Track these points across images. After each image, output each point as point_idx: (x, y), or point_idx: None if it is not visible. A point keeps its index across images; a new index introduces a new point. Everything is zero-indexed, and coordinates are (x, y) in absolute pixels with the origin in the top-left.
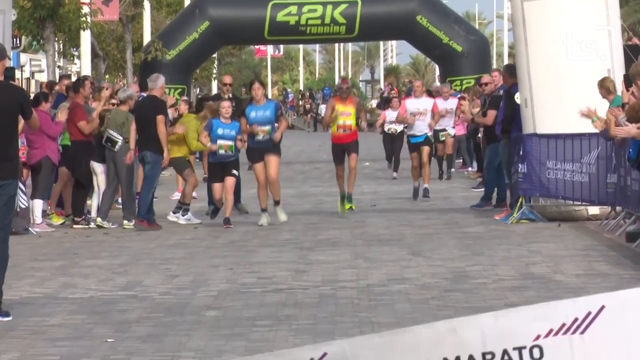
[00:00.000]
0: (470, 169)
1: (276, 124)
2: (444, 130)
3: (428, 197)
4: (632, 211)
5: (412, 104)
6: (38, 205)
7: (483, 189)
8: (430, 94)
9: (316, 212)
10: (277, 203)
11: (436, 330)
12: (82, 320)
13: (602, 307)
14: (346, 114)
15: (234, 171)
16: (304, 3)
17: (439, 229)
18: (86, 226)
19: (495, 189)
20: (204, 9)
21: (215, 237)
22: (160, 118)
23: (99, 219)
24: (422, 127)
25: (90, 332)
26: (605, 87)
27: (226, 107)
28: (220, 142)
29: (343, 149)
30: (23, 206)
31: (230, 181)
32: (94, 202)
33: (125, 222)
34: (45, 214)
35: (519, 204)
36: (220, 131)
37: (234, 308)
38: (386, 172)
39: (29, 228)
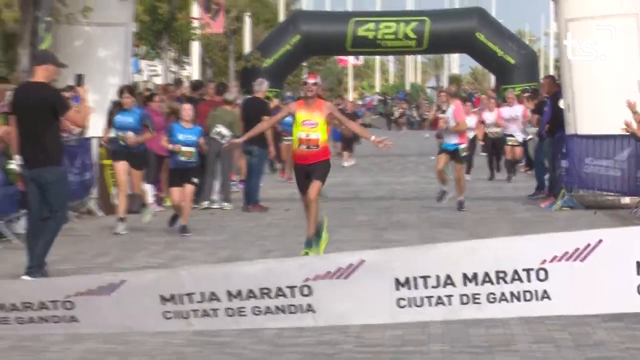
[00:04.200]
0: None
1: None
2: (512, 136)
3: (463, 209)
4: None
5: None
6: (147, 189)
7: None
8: (468, 98)
9: (389, 197)
10: (143, 205)
11: (456, 248)
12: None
13: (600, 241)
14: (310, 124)
15: (194, 179)
16: (380, 20)
17: (493, 215)
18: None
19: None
20: (296, 25)
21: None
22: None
23: (205, 202)
24: (451, 136)
25: None
26: None
27: (187, 110)
28: (181, 148)
29: (305, 172)
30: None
31: (189, 189)
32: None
33: (224, 204)
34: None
35: (561, 194)
36: (180, 136)
37: None
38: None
39: None
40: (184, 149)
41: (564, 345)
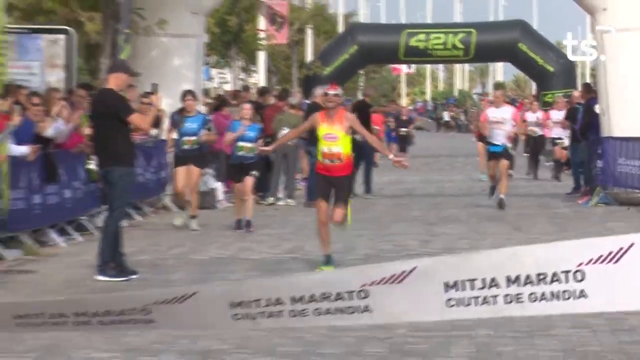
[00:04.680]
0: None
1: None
2: (561, 138)
3: (502, 209)
4: None
5: (492, 113)
6: (218, 186)
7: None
8: (511, 103)
9: (439, 194)
10: (180, 207)
11: (500, 254)
12: (257, 275)
13: (632, 244)
14: (331, 138)
15: (254, 172)
16: (431, 32)
17: (534, 210)
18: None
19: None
20: (354, 36)
21: (359, 214)
22: None
23: (271, 198)
24: (499, 137)
25: None
26: None
27: (247, 109)
28: (240, 143)
29: (330, 182)
30: (212, 187)
31: (249, 181)
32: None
33: (288, 200)
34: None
35: (596, 191)
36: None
37: None
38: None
39: (216, 205)
40: (241, 143)
41: (599, 330)
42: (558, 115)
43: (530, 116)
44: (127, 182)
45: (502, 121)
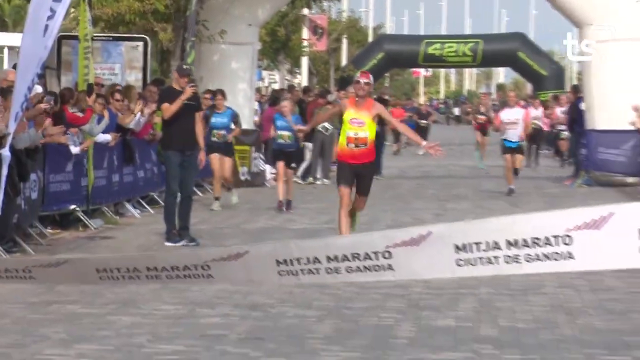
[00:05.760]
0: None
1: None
2: (565, 131)
3: (511, 196)
4: None
5: (506, 114)
6: (266, 168)
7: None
8: (523, 104)
9: (449, 176)
10: (229, 189)
11: (501, 221)
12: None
13: (612, 213)
14: (358, 123)
15: (293, 164)
16: (445, 41)
17: (529, 190)
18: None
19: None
20: (380, 45)
21: (384, 192)
22: None
23: (310, 178)
24: (514, 135)
25: None
26: None
27: (285, 106)
28: (280, 132)
29: (353, 171)
30: (262, 168)
31: (289, 173)
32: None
33: (325, 180)
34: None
35: (581, 175)
36: (279, 123)
37: None
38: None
39: (265, 183)
40: (282, 132)
41: (582, 290)
42: (562, 111)
43: (533, 112)
44: (169, 164)
45: (515, 122)
